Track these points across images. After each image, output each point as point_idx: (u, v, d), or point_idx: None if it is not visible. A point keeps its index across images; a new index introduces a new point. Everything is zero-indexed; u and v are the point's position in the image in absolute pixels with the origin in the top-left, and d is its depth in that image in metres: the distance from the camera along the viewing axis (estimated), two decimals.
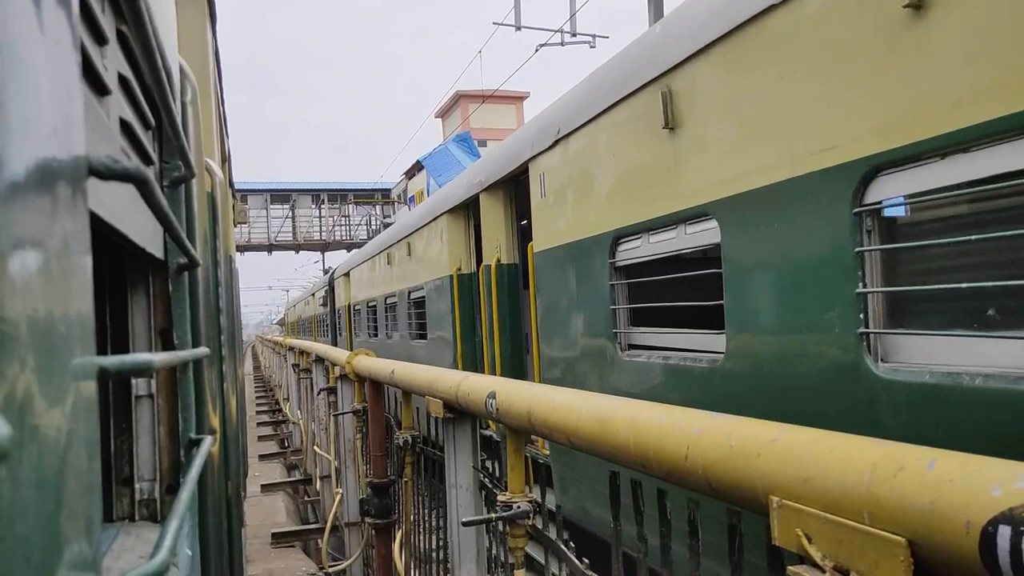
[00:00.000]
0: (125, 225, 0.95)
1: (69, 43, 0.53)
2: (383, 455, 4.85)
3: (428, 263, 9.21)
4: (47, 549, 0.41)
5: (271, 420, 19.66)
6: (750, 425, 1.35)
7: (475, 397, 2.57)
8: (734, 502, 1.35)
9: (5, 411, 0.35)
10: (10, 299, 0.37)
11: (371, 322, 14.00)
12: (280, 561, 7.95)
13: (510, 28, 16.13)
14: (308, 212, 35.99)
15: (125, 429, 1.34)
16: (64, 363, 0.47)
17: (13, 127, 0.39)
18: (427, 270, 9.26)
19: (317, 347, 9.43)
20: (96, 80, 0.84)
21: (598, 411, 1.80)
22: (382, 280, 12.63)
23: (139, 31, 0.82)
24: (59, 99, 0.49)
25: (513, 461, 2.52)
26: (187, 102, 1.68)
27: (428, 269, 9.19)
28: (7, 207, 0.37)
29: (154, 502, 1.34)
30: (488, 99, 29.09)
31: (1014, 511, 0.83)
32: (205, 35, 3.14)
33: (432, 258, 8.97)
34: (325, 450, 8.77)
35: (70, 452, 0.47)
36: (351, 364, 5.20)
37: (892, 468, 1.01)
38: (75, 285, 0.51)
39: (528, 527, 2.47)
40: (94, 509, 0.55)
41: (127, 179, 0.69)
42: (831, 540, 1.07)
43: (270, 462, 14.45)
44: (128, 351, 1.32)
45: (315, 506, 11.00)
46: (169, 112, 1.07)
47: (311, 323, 27.56)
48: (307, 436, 11.64)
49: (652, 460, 1.52)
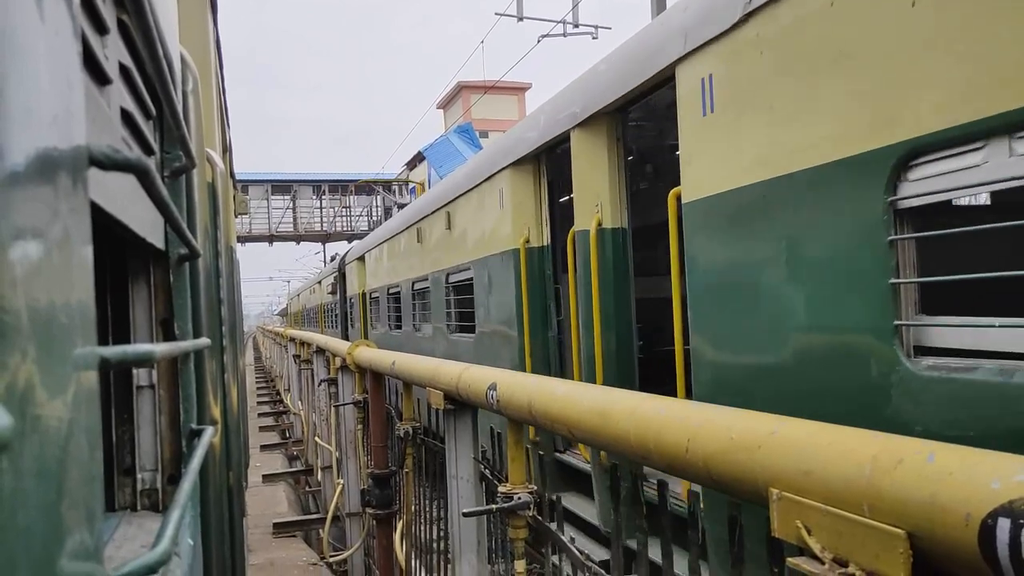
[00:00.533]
0: (126, 215, 0.95)
1: (70, 32, 0.52)
2: (384, 446, 4.86)
3: (478, 236, 7.39)
4: (49, 539, 0.42)
5: (272, 411, 19.69)
6: (750, 418, 1.35)
7: (476, 388, 2.58)
8: (734, 494, 1.36)
9: (7, 401, 0.35)
10: (11, 289, 0.37)
11: (393, 312, 12.12)
12: (281, 551, 7.98)
13: (512, 19, 16.07)
14: (309, 203, 35.99)
15: (127, 419, 1.34)
16: (65, 353, 0.47)
17: (14, 117, 0.39)
18: (477, 245, 7.43)
19: (318, 338, 9.43)
20: (97, 69, 0.84)
21: (599, 403, 1.80)
22: (408, 262, 10.74)
23: (140, 20, 0.81)
24: (60, 88, 0.49)
25: (514, 452, 2.52)
26: (188, 91, 1.67)
27: (478, 244, 7.37)
28: (8, 197, 0.37)
29: (156, 492, 1.34)
30: (490, 90, 29.02)
31: (1013, 504, 0.83)
32: (206, 24, 3.13)
33: (485, 229, 7.12)
34: (326, 441, 8.79)
35: (72, 442, 0.47)
36: (352, 355, 5.21)
37: (892, 461, 1.01)
38: (76, 275, 0.51)
39: (528, 518, 2.48)
40: (96, 499, 0.55)
41: (128, 169, 0.69)
42: (831, 532, 1.07)
43: (271, 452, 14.48)
44: (129, 342, 1.32)
45: (316, 496, 11.03)
46: (170, 102, 1.07)
47: (317, 313, 25.24)
48: (308, 427, 11.66)
49: (653, 452, 1.53)
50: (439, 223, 8.83)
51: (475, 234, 7.55)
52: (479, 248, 7.36)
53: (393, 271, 11.92)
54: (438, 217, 8.83)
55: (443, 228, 8.64)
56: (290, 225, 35.61)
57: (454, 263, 8.30)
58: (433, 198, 9.46)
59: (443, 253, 8.78)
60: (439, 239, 8.95)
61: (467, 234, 7.82)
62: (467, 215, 7.81)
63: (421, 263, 9.93)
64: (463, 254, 7.92)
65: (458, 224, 8.14)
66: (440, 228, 8.80)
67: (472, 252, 7.61)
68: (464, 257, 7.88)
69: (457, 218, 8.18)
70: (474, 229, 7.57)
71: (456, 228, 8.20)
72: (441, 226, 8.71)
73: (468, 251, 7.75)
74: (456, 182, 8.37)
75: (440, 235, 8.85)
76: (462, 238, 8.00)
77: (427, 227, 9.55)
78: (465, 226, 7.89)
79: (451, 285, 8.55)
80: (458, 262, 8.13)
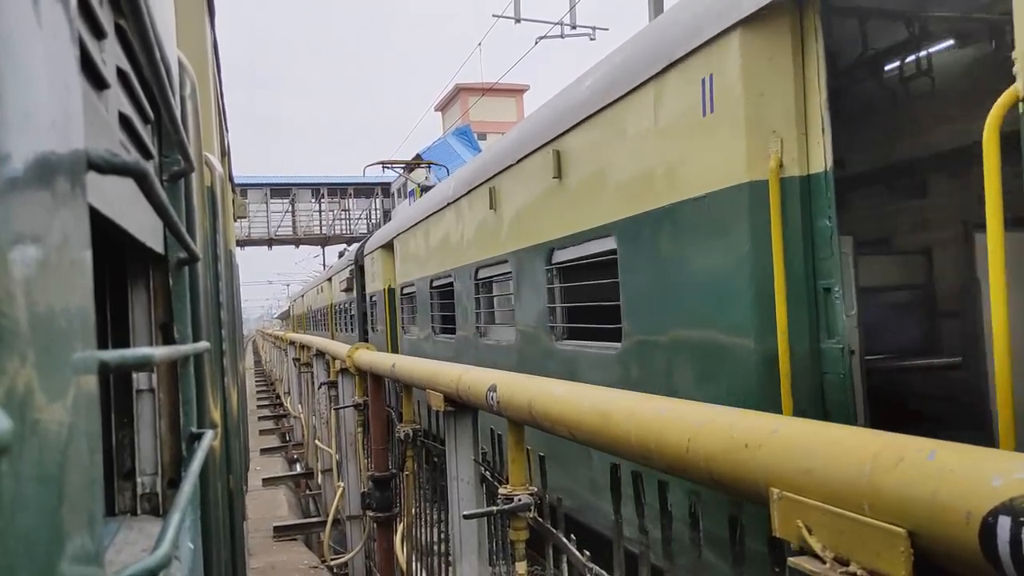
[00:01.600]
0: (125, 219, 0.95)
1: (67, 37, 0.52)
2: (384, 448, 4.86)
3: (637, 177, 4.43)
4: (49, 543, 0.42)
5: (272, 414, 19.68)
6: (751, 417, 1.35)
7: (476, 390, 2.58)
8: (735, 494, 1.36)
9: (6, 405, 0.35)
10: (11, 294, 0.37)
11: (439, 310, 9.06)
12: (282, 554, 7.97)
13: (510, 20, 16.09)
14: (308, 206, 36.00)
15: (126, 423, 1.34)
16: (65, 357, 0.47)
17: (12, 121, 0.39)
18: (631, 194, 4.48)
19: (317, 341, 9.41)
20: (95, 74, 0.84)
21: (599, 403, 1.80)
22: (470, 240, 7.58)
23: (138, 25, 0.81)
24: (58, 93, 0.49)
25: (514, 454, 2.52)
26: (186, 96, 1.67)
27: (637, 190, 4.42)
28: (7, 202, 0.37)
29: (156, 496, 1.34)
30: (488, 92, 29.04)
31: (1014, 501, 0.83)
32: (204, 29, 3.13)
33: (655, 162, 4.22)
34: (326, 444, 8.78)
35: (71, 446, 0.47)
36: (352, 358, 5.21)
37: (892, 459, 1.01)
38: (75, 279, 0.51)
39: (529, 520, 2.48)
40: (96, 503, 0.55)
41: (126, 173, 0.69)
42: (832, 531, 1.07)
43: (271, 456, 14.46)
44: (129, 345, 1.32)
45: (317, 500, 11.02)
46: (168, 106, 1.07)
47: (327, 315, 21.20)
48: (308, 430, 11.65)
49: (654, 452, 1.53)
50: (536, 172, 5.83)
51: (627, 174, 4.53)
52: (639, 198, 4.38)
53: (441, 255, 8.62)
54: (533, 164, 5.86)
55: (545, 179, 5.61)
56: (289, 228, 35.62)
57: (572, 229, 5.27)
58: (520, 138, 6.29)
59: (544, 219, 5.75)
60: (538, 197, 5.89)
61: (605, 179, 4.80)
62: (606, 147, 4.77)
63: (494, 239, 6.82)
64: (594, 214, 4.93)
65: (582, 166, 5.14)
66: (538, 180, 5.81)
67: (619, 207, 4.62)
68: (597, 218, 4.91)
69: (579, 157, 5.18)
70: (624, 167, 4.55)
71: (577, 173, 5.20)
72: (540, 176, 5.74)
73: (607, 207, 4.77)
74: (575, 98, 5.27)
75: (537, 191, 5.86)
76: (591, 188, 5.01)
77: (509, 184, 6.41)
78: (600, 166, 4.86)
79: (560, 267, 5.58)
80: (581, 228, 5.13)
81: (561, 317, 5.65)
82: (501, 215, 6.75)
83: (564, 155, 5.38)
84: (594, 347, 5.08)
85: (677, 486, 2.06)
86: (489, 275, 7.21)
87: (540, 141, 5.74)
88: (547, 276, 5.75)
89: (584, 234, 5.13)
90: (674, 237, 4.09)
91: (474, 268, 7.44)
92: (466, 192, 7.59)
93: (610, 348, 4.83)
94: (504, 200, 6.66)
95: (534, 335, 6.07)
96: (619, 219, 4.65)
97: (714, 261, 3.75)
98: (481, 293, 7.46)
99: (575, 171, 5.28)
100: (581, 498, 5.09)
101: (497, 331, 7.06)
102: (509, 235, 6.53)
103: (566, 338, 5.58)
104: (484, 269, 7.26)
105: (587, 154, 5.09)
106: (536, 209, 6.01)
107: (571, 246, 5.37)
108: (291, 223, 35.63)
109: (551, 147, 5.52)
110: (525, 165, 6.11)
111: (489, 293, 7.39)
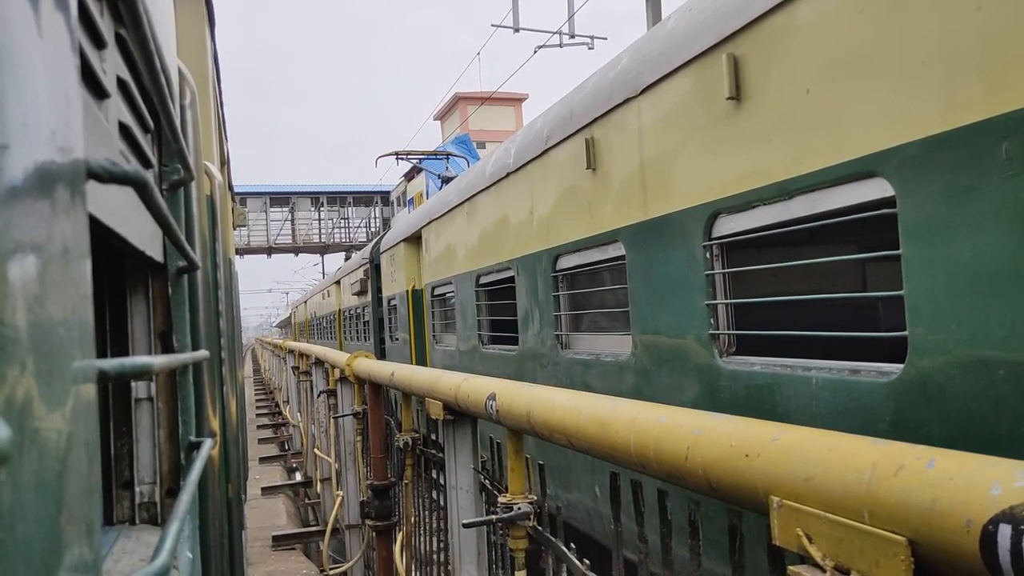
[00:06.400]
0: (124, 228, 0.95)
1: (68, 47, 0.53)
2: (383, 457, 4.85)
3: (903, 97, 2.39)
4: (48, 552, 0.41)
5: (271, 423, 19.64)
6: (750, 425, 1.35)
7: (475, 399, 2.57)
8: (734, 502, 1.35)
9: (5, 414, 0.35)
10: (10, 302, 0.37)
11: (488, 313, 6.96)
12: (281, 564, 7.94)
13: (508, 30, 16.15)
14: (307, 215, 36.07)
15: (125, 432, 1.33)
16: (64, 366, 0.47)
17: (12, 131, 0.39)
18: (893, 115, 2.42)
19: (316, 349, 9.40)
20: (95, 83, 0.84)
21: (598, 412, 1.80)
22: (542, 217, 5.30)
23: (138, 35, 0.82)
24: (58, 103, 0.49)
25: (513, 462, 2.51)
26: (186, 105, 1.68)
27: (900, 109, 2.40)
28: (6, 211, 0.37)
29: (154, 505, 1.34)
30: (487, 101, 29.11)
31: (1014, 509, 0.83)
32: (204, 38, 3.14)
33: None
34: (325, 453, 8.76)
35: (70, 455, 0.47)
36: (351, 366, 5.21)
37: (892, 467, 1.01)
38: (75, 288, 0.51)
39: (529, 528, 2.47)
40: (94, 512, 0.55)
41: (126, 182, 0.70)
42: (831, 540, 1.07)
43: (270, 465, 14.43)
44: (128, 354, 1.32)
45: (316, 509, 10.99)
46: (168, 115, 1.07)
47: (334, 322, 18.53)
48: (307, 439, 11.62)
49: (652, 461, 1.52)
50: (688, 97, 3.59)
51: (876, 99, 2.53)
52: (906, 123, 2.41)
53: (496, 242, 6.39)
54: (679, 85, 3.64)
55: (703, 104, 3.46)
56: (288, 237, 35.69)
57: (748, 186, 3.15)
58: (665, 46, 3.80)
59: (698, 170, 3.51)
60: (682, 139, 3.64)
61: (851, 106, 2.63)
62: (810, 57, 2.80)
63: (592, 210, 4.59)
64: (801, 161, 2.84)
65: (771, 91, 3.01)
66: (689, 109, 3.58)
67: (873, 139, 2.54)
68: (803, 165, 2.83)
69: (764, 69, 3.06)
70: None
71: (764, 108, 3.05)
72: (693, 103, 3.55)
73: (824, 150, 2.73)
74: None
75: (683, 130, 3.63)
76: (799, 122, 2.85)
77: (621, 129, 4.19)
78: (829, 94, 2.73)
79: (722, 243, 3.40)
80: (761, 183, 3.07)
81: (725, 321, 3.45)
82: (605, 176, 4.42)
83: (741, 62, 3.19)
84: (785, 370, 3.03)
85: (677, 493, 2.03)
86: (578, 264, 4.92)
87: (696, 47, 3.48)
88: (703, 258, 3.49)
89: (770, 188, 3.02)
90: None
91: (552, 256, 5.19)
92: (542, 151, 5.26)
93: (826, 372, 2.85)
94: (611, 154, 4.34)
95: (672, 347, 3.79)
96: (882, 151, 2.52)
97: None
98: (562, 289, 5.19)
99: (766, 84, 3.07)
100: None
101: (589, 341, 5.01)
102: (620, 203, 4.27)
103: (734, 352, 3.44)
104: (568, 256, 5.01)
105: (774, 70, 3.03)
106: (682, 157, 3.66)
107: (741, 211, 3.24)
108: (290, 231, 35.70)
109: (720, 51, 3.29)
110: (664, 89, 3.78)
111: (580, 288, 5.19)
